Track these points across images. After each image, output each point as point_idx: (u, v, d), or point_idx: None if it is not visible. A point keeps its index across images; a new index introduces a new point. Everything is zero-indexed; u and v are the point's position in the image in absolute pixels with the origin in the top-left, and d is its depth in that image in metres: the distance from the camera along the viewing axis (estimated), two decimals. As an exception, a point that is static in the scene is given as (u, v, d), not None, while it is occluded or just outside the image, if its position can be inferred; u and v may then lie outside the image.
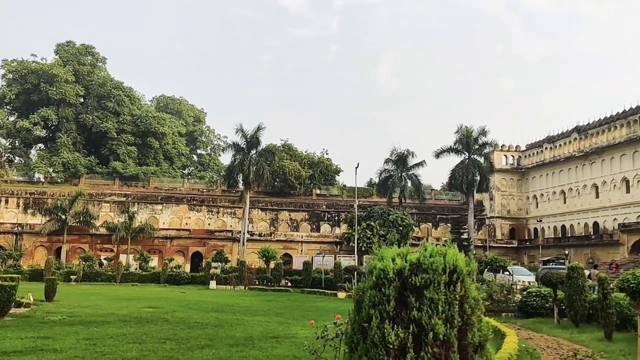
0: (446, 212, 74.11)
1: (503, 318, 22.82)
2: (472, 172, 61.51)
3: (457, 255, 4.01)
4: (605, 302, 17.07)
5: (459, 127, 63.35)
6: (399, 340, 3.74)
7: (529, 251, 66.98)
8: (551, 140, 69.10)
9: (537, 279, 31.18)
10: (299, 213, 70.97)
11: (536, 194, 71.34)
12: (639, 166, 55.23)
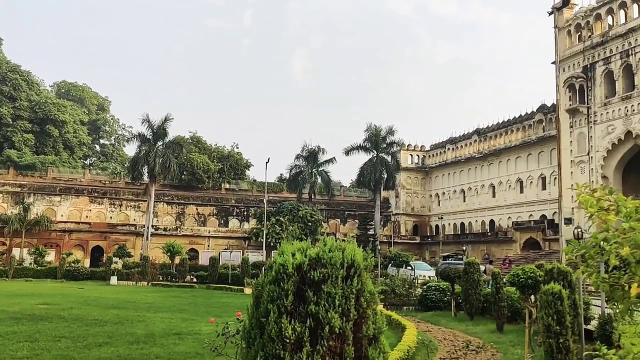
0: (354, 209, 75.64)
1: (404, 311, 23.63)
2: (379, 170, 63.22)
3: (355, 250, 4.08)
4: (498, 295, 18.11)
5: (369, 125, 64.95)
6: (295, 335, 3.76)
7: (431, 247, 69.76)
8: (453, 141, 72.26)
9: (437, 273, 32.52)
10: (206, 207, 69.84)
11: (438, 192, 74.38)
12: (532, 168, 58.93)
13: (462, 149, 70.58)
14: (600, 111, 44.74)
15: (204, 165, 69.97)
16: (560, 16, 48.47)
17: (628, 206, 3.24)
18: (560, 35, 48.67)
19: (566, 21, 48.53)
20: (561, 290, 9.42)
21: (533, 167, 58.65)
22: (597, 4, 46.36)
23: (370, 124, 64.88)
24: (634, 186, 44.21)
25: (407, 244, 70.21)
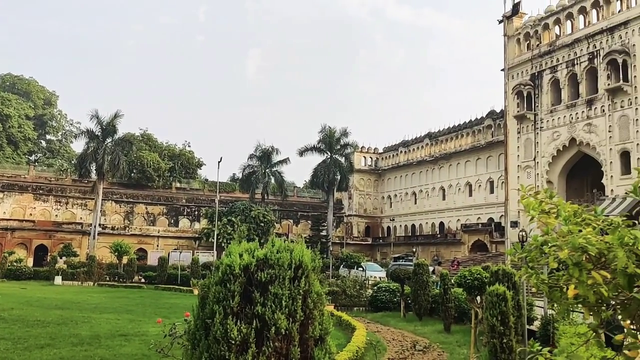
0: (307, 210, 75.70)
1: (355, 312, 23.75)
2: (333, 172, 63.49)
3: (304, 251, 4.08)
4: (446, 296, 18.44)
5: (323, 127, 65.17)
6: (241, 336, 3.73)
7: (382, 248, 70.52)
8: (406, 144, 73.28)
9: (388, 274, 32.87)
10: (156, 207, 68.54)
11: (390, 194, 75.28)
12: (481, 172, 60.36)
13: (414, 152, 71.65)
14: (547, 118, 46.20)
15: (154, 163, 68.68)
16: (510, 25, 49.83)
17: (567, 210, 3.34)
18: (509, 43, 50.03)
19: (516, 30, 49.93)
20: (505, 292, 9.67)
21: (482, 171, 60.07)
22: (545, 14, 47.88)
23: (325, 126, 65.19)
24: (577, 191, 45.91)
25: (359, 245, 70.74)
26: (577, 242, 3.05)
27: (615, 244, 2.83)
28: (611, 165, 40.13)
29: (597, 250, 3.04)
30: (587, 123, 42.60)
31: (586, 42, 43.27)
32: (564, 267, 3.61)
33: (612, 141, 40.49)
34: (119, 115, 55.11)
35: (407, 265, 30.77)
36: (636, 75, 39.13)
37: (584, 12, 44.65)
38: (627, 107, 39.72)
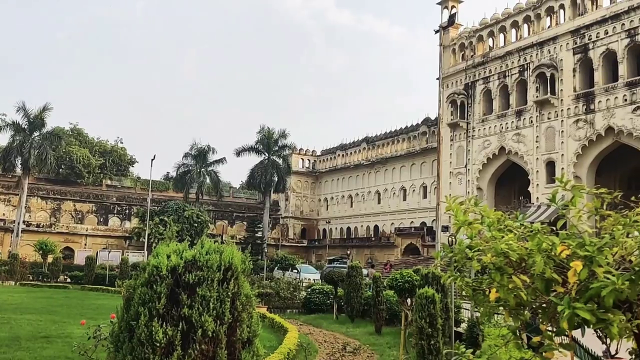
0: (243, 211, 75.08)
1: (288, 314, 23.71)
2: (270, 173, 63.29)
3: (234, 253, 4.03)
4: (378, 299, 18.69)
5: (262, 127, 64.90)
6: (166, 338, 3.64)
7: (318, 250, 70.84)
8: (344, 148, 74.02)
9: (322, 277, 33.00)
10: (85, 204, 66.14)
11: (327, 197, 75.79)
12: (415, 177, 61.73)
13: (351, 155, 72.45)
14: (479, 127, 47.77)
15: (84, 159, 66.30)
16: (446, 35, 51.25)
17: (491, 217, 3.45)
18: (445, 53, 51.43)
19: (451, 40, 51.39)
20: (434, 294, 9.90)
21: (416, 177, 61.45)
22: (480, 26, 49.53)
23: (264, 126, 64.93)
24: (505, 198, 47.69)
25: (294, 247, 70.76)
26: (499, 247, 3.15)
27: (534, 249, 2.94)
28: (537, 174, 41.90)
29: (518, 255, 3.15)
30: (516, 133, 44.32)
31: (517, 55, 45.04)
32: (487, 271, 3.73)
33: (538, 151, 42.30)
34: (47, 108, 52.87)
35: (342, 268, 31.00)
36: (563, 88, 41.06)
37: (516, 26, 46.48)
38: (553, 118, 41.59)
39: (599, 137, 38.51)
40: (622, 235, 2.84)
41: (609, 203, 3.62)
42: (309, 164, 78.92)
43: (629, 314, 2.92)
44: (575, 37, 40.78)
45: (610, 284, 2.58)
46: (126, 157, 75.04)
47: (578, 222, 3.37)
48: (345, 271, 22.84)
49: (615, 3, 39.07)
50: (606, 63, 39.02)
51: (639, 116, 35.98)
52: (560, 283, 3.07)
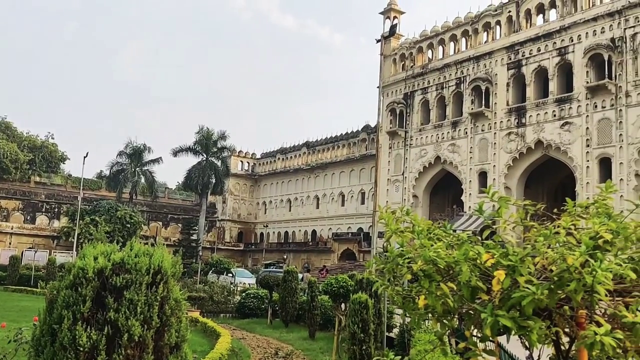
0: (178, 212, 73.71)
1: (221, 319, 23.43)
2: (208, 174, 62.41)
3: (164, 256, 3.94)
4: (313, 304, 18.75)
5: (200, 128, 63.95)
6: (90, 342, 3.52)
7: (254, 254, 70.40)
8: (284, 151, 73.99)
9: (257, 281, 32.82)
10: (11, 201, 63.18)
11: (266, 200, 75.50)
12: (354, 183, 62.43)
13: (291, 159, 72.50)
14: (416, 136, 48.85)
15: (11, 154, 63.38)
16: (387, 45, 52.13)
17: (421, 226, 3.52)
18: (385, 62, 52.32)
19: (392, 50, 52.38)
20: (368, 300, 10.02)
21: (355, 183, 62.15)
22: (420, 38, 50.72)
23: (203, 127, 63.97)
24: (439, 206, 48.93)
25: (231, 250, 70.05)
26: (428, 255, 3.23)
27: (461, 258, 3.02)
28: (470, 183, 43.24)
29: (446, 263, 3.24)
30: (451, 143, 45.58)
31: (455, 67, 46.39)
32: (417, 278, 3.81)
33: (472, 161, 43.66)
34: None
35: (278, 272, 30.93)
36: (497, 102, 42.57)
37: (454, 40, 47.87)
38: (487, 130, 43.05)
39: (529, 150, 40.13)
40: (544, 246, 2.96)
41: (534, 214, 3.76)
42: (248, 167, 78.42)
43: (548, 322, 3.05)
44: (509, 53, 42.40)
45: (531, 294, 2.68)
46: (57, 153, 72.28)
47: (503, 232, 3.50)
48: (281, 276, 22.80)
49: (547, 22, 40.89)
50: (538, 79, 40.75)
51: (566, 131, 37.74)
52: (485, 291, 3.17)
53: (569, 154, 37.35)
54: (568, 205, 3.42)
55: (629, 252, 3.05)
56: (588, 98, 36.75)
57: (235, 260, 57.91)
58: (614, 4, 36.45)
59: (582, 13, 38.19)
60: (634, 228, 2.89)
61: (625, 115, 34.74)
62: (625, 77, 35.08)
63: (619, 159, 34.57)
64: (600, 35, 36.71)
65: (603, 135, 35.80)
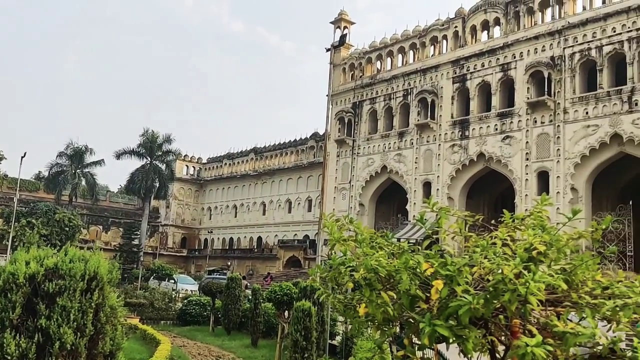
0: (120, 216, 71.82)
1: (162, 326, 22.95)
2: (152, 178, 61.06)
3: (100, 262, 3.82)
4: (256, 311, 18.60)
5: (145, 130, 62.47)
6: (19, 351, 3.37)
7: (197, 260, 69.30)
8: (231, 157, 73.32)
9: (200, 288, 32.32)
10: (-59, 201, 60.07)
11: (211, 206, 74.53)
12: (301, 190, 62.45)
13: (238, 165, 71.92)
14: (364, 145, 49.37)
15: (-57, 152, 60.25)
16: (337, 54, 52.57)
17: (364, 234, 3.55)
18: (335, 71, 52.73)
19: (342, 59, 52.85)
20: (311, 308, 10.02)
21: (302, 190, 62.18)
22: (369, 49, 51.38)
23: (148, 129, 62.51)
24: (385, 214, 49.54)
25: (173, 256, 68.75)
26: (370, 263, 3.25)
27: (401, 267, 3.06)
28: (415, 193, 43.97)
29: (387, 272, 3.27)
30: (397, 153, 46.29)
31: (402, 79, 47.20)
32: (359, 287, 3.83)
33: (417, 172, 44.44)
34: None
35: (221, 279, 30.56)
36: (442, 114, 43.53)
37: (402, 52, 48.74)
38: (432, 142, 43.94)
39: (472, 162, 41.19)
40: (481, 256, 3.04)
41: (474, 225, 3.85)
42: (193, 171, 77.27)
43: (484, 330, 3.12)
44: (455, 67, 43.48)
45: (467, 303, 2.74)
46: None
47: (444, 242, 3.56)
48: (225, 282, 22.53)
49: (492, 39, 42.18)
50: (481, 93, 41.93)
51: (507, 145, 38.94)
52: (424, 300, 3.22)
53: (509, 167, 38.55)
54: (505, 217, 3.53)
55: (562, 263, 3.16)
56: (528, 113, 38.06)
57: (178, 266, 56.84)
58: (555, 23, 37.98)
59: (525, 31, 39.61)
60: (566, 240, 3.00)
61: (562, 130, 36.16)
62: (563, 94, 36.54)
63: (556, 172, 35.93)
64: (541, 53, 38.15)
65: (542, 149, 37.14)
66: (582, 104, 35.64)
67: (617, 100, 34.04)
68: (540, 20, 39.61)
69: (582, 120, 35.42)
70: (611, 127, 33.86)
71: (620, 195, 37.90)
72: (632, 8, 34.04)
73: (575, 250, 3.30)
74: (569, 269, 3.10)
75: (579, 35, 36.49)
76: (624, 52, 34.27)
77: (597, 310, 2.75)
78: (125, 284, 34.31)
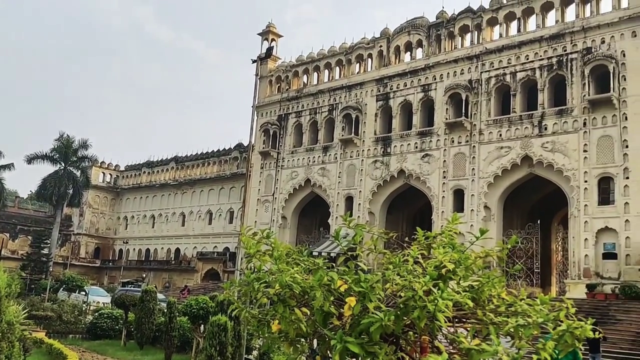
0: (29, 223, 68.15)
1: (70, 340, 21.91)
2: (65, 185, 58.43)
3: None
4: (170, 325, 18.06)
5: (61, 135, 59.87)
6: None
7: (111, 272, 66.68)
8: (151, 165, 71.33)
9: (113, 300, 31.10)
10: None
11: (127, 215, 72.10)
12: (223, 201, 61.55)
13: (158, 174, 70.05)
14: (288, 158, 49.48)
15: None
16: (264, 66, 52.60)
17: (280, 250, 3.52)
18: (261, 83, 52.68)
19: (269, 71, 52.91)
20: (227, 322, 9.85)
21: (224, 201, 61.33)
22: (296, 62, 51.75)
23: (63, 134, 59.87)
24: (307, 228, 49.74)
25: (86, 267, 65.83)
26: (285, 280, 3.23)
27: (315, 284, 3.05)
28: (337, 207, 44.46)
29: (301, 288, 3.26)
30: (321, 167, 46.71)
31: (328, 94, 47.81)
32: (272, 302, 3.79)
33: (340, 186, 45.00)
34: None
35: (136, 291, 29.55)
36: (365, 130, 44.38)
37: (329, 68, 49.42)
38: (355, 157, 44.67)
39: (392, 178, 42.19)
40: (393, 273, 3.09)
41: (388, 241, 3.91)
42: (110, 179, 74.55)
43: (394, 347, 3.16)
44: (379, 85, 44.55)
45: (379, 320, 2.77)
46: None
47: (360, 259, 3.60)
48: (139, 295, 21.78)
49: (414, 60, 43.57)
50: (403, 112, 43.17)
51: (426, 162, 40.21)
52: (337, 316, 3.22)
53: (428, 184, 39.80)
54: (418, 234, 3.60)
55: (470, 280, 3.26)
56: (446, 133, 39.52)
57: (90, 277, 54.47)
58: (473, 48, 39.78)
59: (445, 54, 41.22)
60: (474, 259, 3.11)
61: (478, 151, 37.78)
62: (479, 116, 38.23)
63: (471, 191, 37.44)
64: (460, 76, 39.81)
65: (458, 168, 38.62)
66: (496, 126, 37.42)
67: (528, 124, 35.98)
68: (460, 45, 41.35)
69: (496, 141, 37.16)
70: (522, 149, 35.72)
71: (529, 215, 39.97)
72: (544, 38, 36.22)
73: (485, 267, 3.43)
74: (477, 286, 3.20)
75: (495, 60, 38.39)
76: (536, 79, 36.34)
77: (500, 327, 2.86)
78: (32, 295, 32.50)
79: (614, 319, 26.87)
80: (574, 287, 32.08)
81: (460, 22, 40.98)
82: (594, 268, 31.88)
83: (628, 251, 30.97)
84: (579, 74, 34.40)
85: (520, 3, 38.10)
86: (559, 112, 34.99)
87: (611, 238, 31.79)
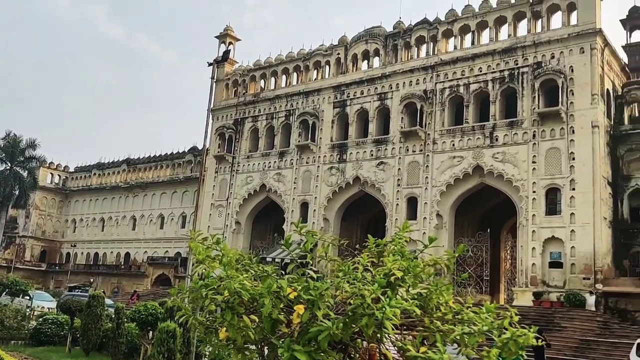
0: (-29, 225, 65.36)
1: (12, 346, 21.12)
2: (11, 185, 56.61)
3: None
4: (118, 331, 17.62)
5: (7, 133, 58.10)
6: None
7: (58, 276, 64.64)
8: (101, 167, 69.67)
9: (58, 305, 30.14)
10: None
11: (76, 218, 70.14)
12: (175, 206, 60.55)
13: (109, 176, 68.46)
14: (244, 162, 49.16)
15: None
16: (220, 69, 52.15)
17: (229, 256, 3.47)
18: (217, 86, 52.21)
19: (225, 75, 52.52)
20: (176, 329, 9.67)
21: (176, 205, 60.35)
22: (253, 67, 51.56)
23: (10, 132, 58.04)
24: (261, 233, 49.49)
25: (31, 270, 63.55)
26: (233, 286, 3.18)
27: (264, 291, 3.02)
28: (292, 213, 44.40)
29: (250, 295, 3.22)
30: (277, 172, 46.59)
31: (285, 100, 47.80)
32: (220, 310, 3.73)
33: (295, 192, 44.97)
34: None
35: (83, 296, 28.71)
36: (322, 137, 44.54)
37: (286, 73, 49.44)
38: (311, 163, 44.76)
39: (348, 185, 42.45)
40: (343, 280, 3.08)
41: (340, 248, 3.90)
42: (59, 180, 72.40)
43: (342, 354, 3.15)
44: (336, 92, 44.81)
45: (327, 328, 2.75)
46: None
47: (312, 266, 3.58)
48: (86, 300, 21.16)
49: (371, 69, 44.06)
50: (360, 120, 43.53)
51: (381, 170, 40.63)
52: (286, 324, 3.19)
53: (382, 191, 40.21)
54: (369, 242, 3.61)
55: (419, 288, 3.29)
56: (401, 142, 40.05)
57: (36, 281, 52.43)
58: (428, 59, 40.51)
59: (401, 64, 41.83)
60: (423, 267, 3.14)
61: (431, 160, 38.43)
62: (433, 126, 38.92)
63: (424, 199, 38.03)
64: (415, 86, 40.46)
65: (412, 176, 39.18)
66: (449, 136, 38.16)
67: (480, 135, 36.83)
68: (416, 55, 42.05)
69: (449, 151, 37.89)
70: (474, 159, 36.53)
71: (480, 223, 40.87)
72: (496, 51, 37.20)
73: (435, 275, 3.47)
74: (425, 294, 3.23)
75: (450, 72, 39.19)
76: (488, 91, 37.27)
77: (447, 335, 2.89)
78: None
79: (559, 326, 27.71)
80: (521, 295, 32.94)
81: (416, 33, 41.68)
82: (541, 276, 32.82)
83: (573, 260, 32.01)
84: (529, 87, 35.45)
85: (475, 17, 39.04)
86: (509, 123, 35.95)
87: (557, 247, 32.82)
